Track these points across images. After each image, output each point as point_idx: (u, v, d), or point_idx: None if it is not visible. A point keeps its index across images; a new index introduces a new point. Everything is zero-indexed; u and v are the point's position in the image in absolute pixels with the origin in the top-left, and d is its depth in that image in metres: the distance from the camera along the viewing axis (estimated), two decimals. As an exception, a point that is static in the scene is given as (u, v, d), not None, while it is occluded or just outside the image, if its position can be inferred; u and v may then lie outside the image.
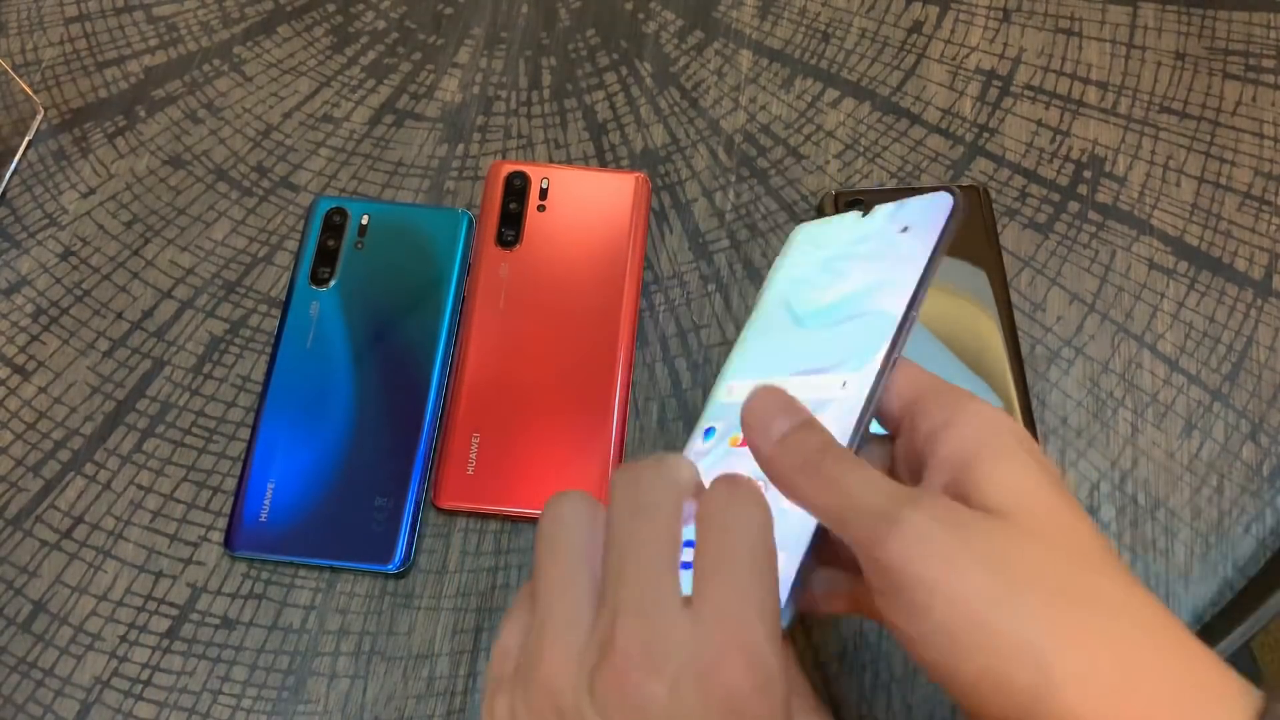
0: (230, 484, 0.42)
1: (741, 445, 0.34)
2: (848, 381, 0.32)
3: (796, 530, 0.30)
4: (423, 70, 0.51)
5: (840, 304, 0.34)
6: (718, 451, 0.35)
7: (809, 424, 0.28)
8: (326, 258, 0.45)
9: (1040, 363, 0.44)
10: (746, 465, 0.32)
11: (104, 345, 0.45)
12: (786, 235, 0.46)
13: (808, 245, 0.37)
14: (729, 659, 0.23)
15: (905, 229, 0.34)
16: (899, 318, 0.32)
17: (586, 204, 0.46)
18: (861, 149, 0.48)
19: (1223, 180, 0.47)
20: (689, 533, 0.27)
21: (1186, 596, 0.40)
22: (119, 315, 0.46)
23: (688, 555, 0.27)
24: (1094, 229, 0.46)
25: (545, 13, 0.52)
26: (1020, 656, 0.23)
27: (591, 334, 0.43)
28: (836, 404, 0.32)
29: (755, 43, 0.51)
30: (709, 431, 0.35)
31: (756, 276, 0.46)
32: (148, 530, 0.42)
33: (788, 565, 0.29)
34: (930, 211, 0.34)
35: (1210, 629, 0.40)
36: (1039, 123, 0.49)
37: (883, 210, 0.35)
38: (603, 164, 0.48)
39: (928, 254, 0.33)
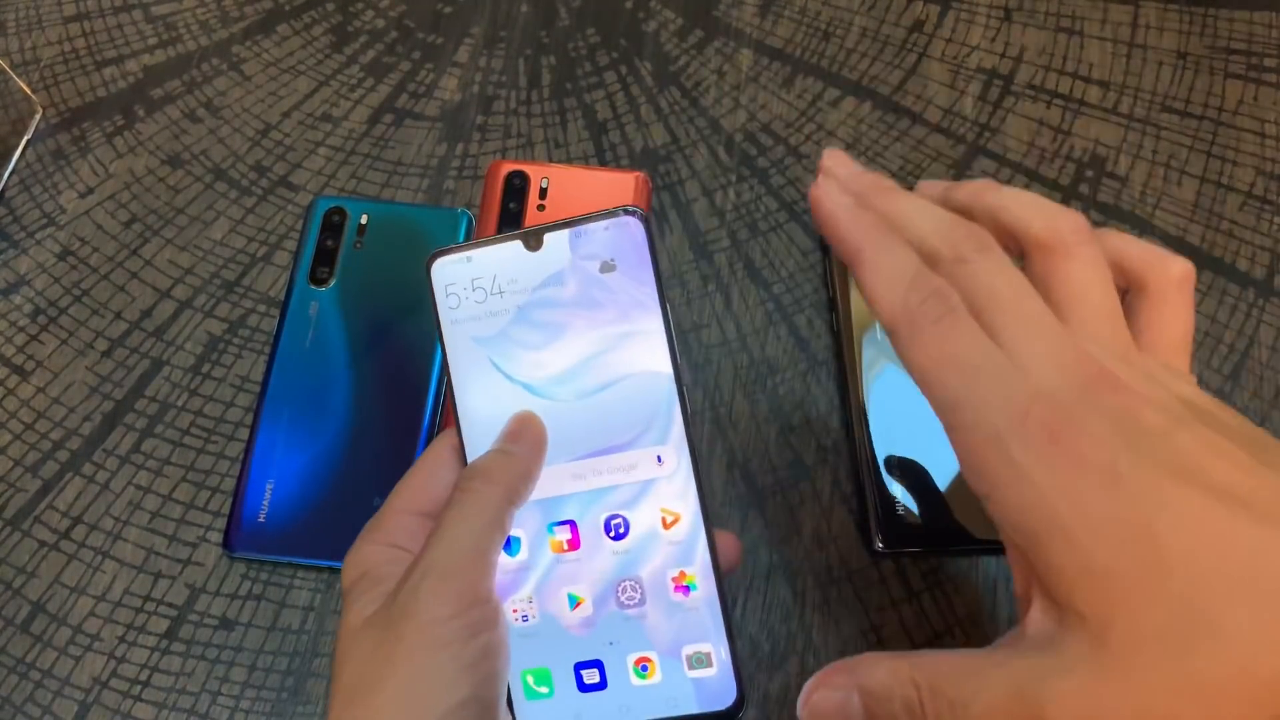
0: (229, 484, 0.42)
1: (566, 550, 0.32)
2: (663, 456, 0.31)
3: None
4: (422, 69, 0.51)
5: (581, 369, 0.32)
6: (539, 561, 0.32)
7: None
8: (325, 257, 0.45)
9: (1041, 363, 0.44)
10: (583, 574, 0.32)
11: (102, 345, 0.45)
12: (788, 233, 0.46)
13: (467, 288, 0.33)
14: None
15: (607, 266, 0.32)
16: (671, 375, 0.31)
17: (587, 203, 0.45)
18: (863, 148, 0.48)
19: (1224, 180, 0.47)
20: None
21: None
22: (117, 315, 0.46)
23: None
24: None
25: (545, 11, 0.52)
26: None
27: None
28: (665, 483, 0.31)
29: (756, 41, 0.51)
30: (510, 543, 0.32)
31: (757, 276, 0.46)
32: (146, 530, 0.42)
33: None
34: (625, 241, 0.32)
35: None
36: (1040, 122, 0.49)
37: (556, 241, 0.32)
38: (603, 163, 0.48)
39: (656, 295, 0.32)
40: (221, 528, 0.41)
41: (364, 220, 0.45)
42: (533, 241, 0.32)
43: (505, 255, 0.32)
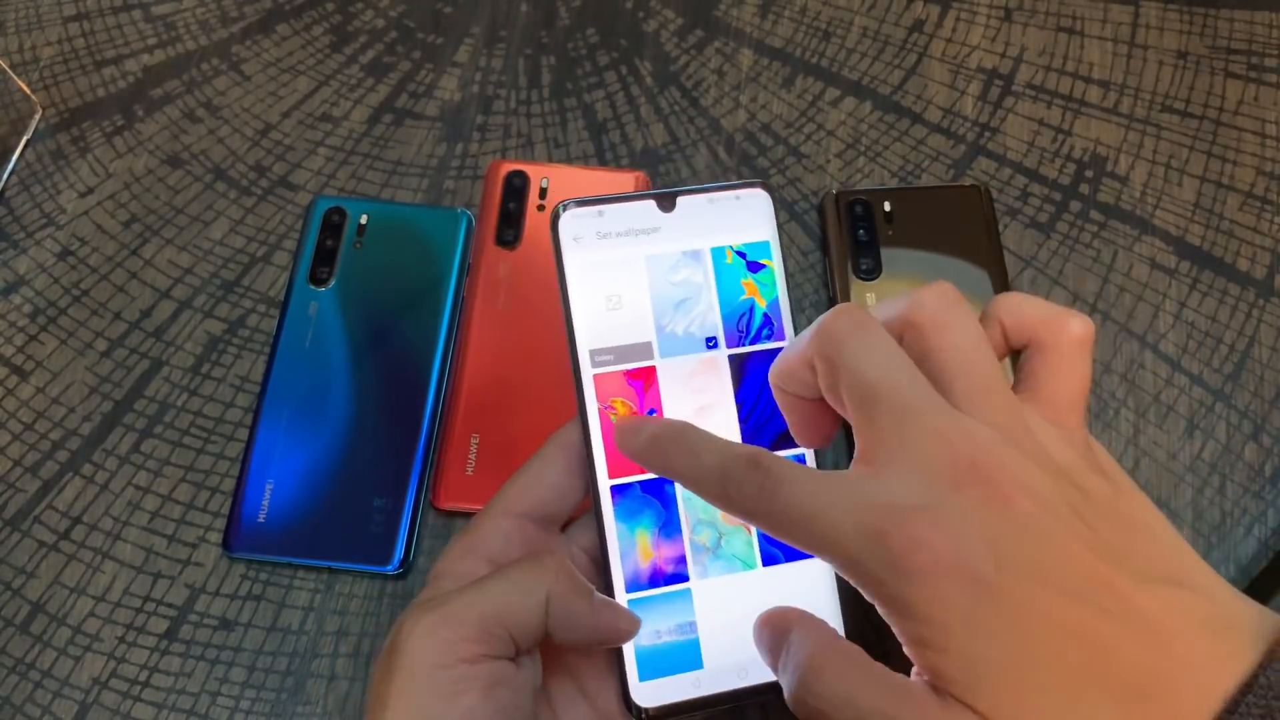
0: (229, 484, 0.42)
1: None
2: None
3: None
4: (422, 69, 0.51)
5: None
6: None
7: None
8: (325, 257, 0.45)
9: (1042, 363, 0.44)
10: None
11: (102, 345, 0.45)
12: (788, 233, 0.46)
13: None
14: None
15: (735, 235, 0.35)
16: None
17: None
18: (863, 148, 0.48)
19: (1225, 180, 0.47)
20: None
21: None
22: (117, 315, 0.46)
23: None
24: (1096, 229, 0.46)
25: (545, 11, 0.52)
26: None
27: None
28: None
29: (756, 41, 0.51)
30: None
31: (757, 276, 0.46)
32: (146, 531, 0.42)
33: None
34: (755, 212, 0.35)
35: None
36: (1041, 122, 0.49)
37: (689, 204, 0.35)
38: (603, 163, 0.48)
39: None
40: (221, 528, 0.41)
41: (364, 220, 0.45)
42: (666, 203, 0.35)
43: (638, 212, 0.35)
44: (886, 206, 0.45)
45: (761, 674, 0.32)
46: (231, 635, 0.40)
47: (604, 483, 0.33)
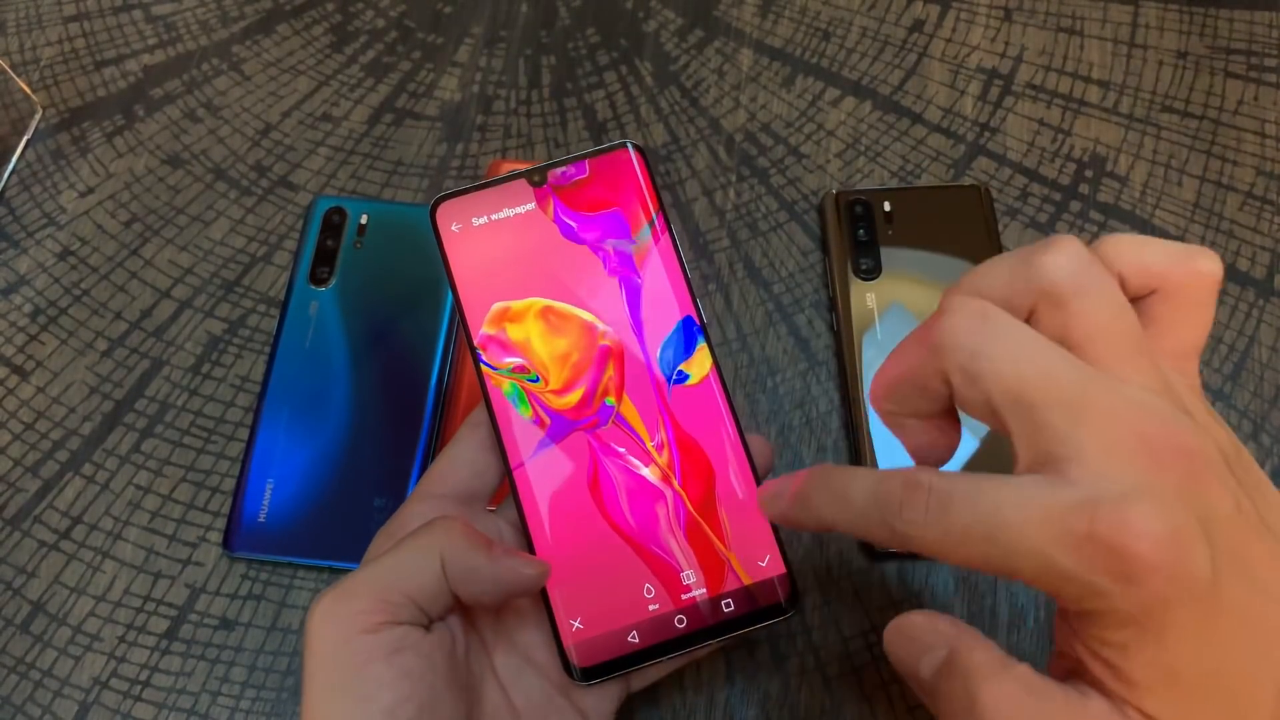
0: (229, 484, 0.42)
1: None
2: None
3: None
4: (422, 69, 0.51)
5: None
6: None
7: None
8: (325, 257, 0.45)
9: (1041, 363, 0.44)
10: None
11: (102, 345, 0.45)
12: (788, 233, 0.46)
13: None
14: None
15: (609, 192, 0.35)
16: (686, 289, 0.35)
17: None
18: (862, 148, 0.48)
19: (1225, 180, 0.47)
20: None
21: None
22: (117, 315, 0.46)
23: None
24: (1095, 229, 0.46)
25: (545, 11, 0.52)
26: None
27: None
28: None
29: (756, 41, 0.51)
30: None
31: (757, 276, 0.46)
32: (146, 530, 0.42)
33: None
34: (624, 169, 0.34)
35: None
36: (1040, 122, 0.49)
37: (558, 177, 0.35)
38: (603, 163, 0.48)
39: (660, 214, 0.35)
40: (221, 528, 0.41)
41: (364, 220, 0.45)
42: (536, 178, 0.34)
43: (512, 193, 0.34)
44: (886, 206, 0.45)
45: (699, 621, 0.32)
46: (232, 635, 0.40)
47: (513, 457, 0.33)
